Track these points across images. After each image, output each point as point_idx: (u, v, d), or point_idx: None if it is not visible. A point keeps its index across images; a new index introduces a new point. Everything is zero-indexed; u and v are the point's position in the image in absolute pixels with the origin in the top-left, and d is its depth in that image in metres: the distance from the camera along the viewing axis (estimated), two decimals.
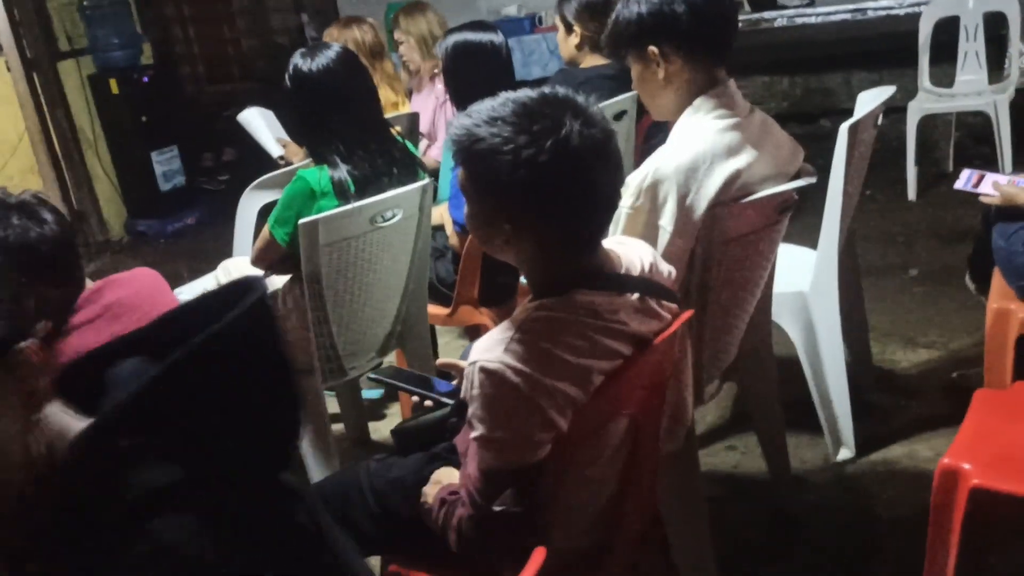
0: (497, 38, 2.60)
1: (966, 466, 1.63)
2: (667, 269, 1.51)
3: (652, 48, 1.80)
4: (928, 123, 4.39)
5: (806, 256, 2.58)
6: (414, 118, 3.41)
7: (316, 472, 2.39)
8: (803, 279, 2.46)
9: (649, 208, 1.75)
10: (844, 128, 2.23)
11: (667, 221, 1.74)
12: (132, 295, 1.77)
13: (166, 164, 5.66)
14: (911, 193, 4.30)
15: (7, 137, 6.24)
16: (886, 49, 4.82)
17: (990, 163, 4.20)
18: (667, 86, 1.84)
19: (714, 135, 1.78)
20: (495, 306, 2.74)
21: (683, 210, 1.74)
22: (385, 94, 3.42)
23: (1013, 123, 4.07)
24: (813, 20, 4.57)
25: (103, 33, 5.40)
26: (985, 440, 1.72)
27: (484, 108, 1.32)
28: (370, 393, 3.10)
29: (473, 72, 2.60)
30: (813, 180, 1.88)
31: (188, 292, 2.96)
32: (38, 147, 5.64)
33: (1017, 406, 1.81)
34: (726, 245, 1.82)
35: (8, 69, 5.48)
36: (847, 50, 5.03)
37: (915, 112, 4.21)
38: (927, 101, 4.29)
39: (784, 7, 4.67)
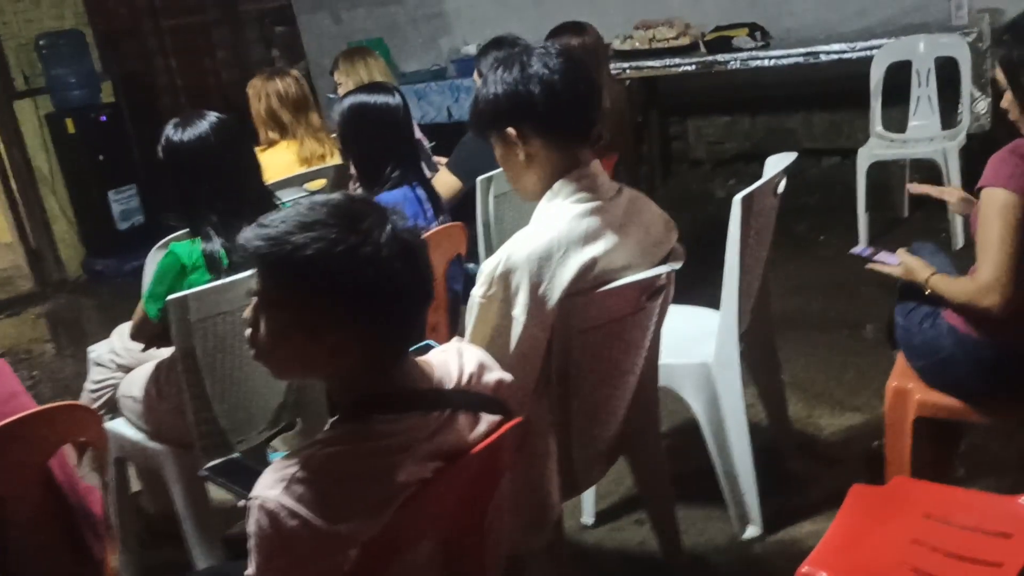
0: (393, 100, 2.54)
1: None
2: (496, 378, 1.43)
3: (510, 129, 1.73)
4: (883, 167, 4.31)
5: (713, 321, 2.50)
6: (341, 169, 3.35)
7: (196, 548, 2.32)
8: (708, 348, 2.38)
9: (502, 297, 1.67)
10: (737, 200, 2.16)
11: (520, 311, 1.67)
12: None
13: (124, 203, 5.62)
14: (862, 240, 4.21)
15: None
16: (843, 91, 4.75)
17: (945, 209, 4.11)
18: (529, 167, 1.77)
19: (570, 221, 1.71)
20: None
21: (536, 300, 1.66)
22: (311, 146, 3.38)
23: (966, 169, 3.99)
24: (766, 63, 4.50)
25: (60, 73, 5.38)
26: (851, 544, 1.64)
27: (284, 217, 1.24)
28: (279, 456, 3.01)
29: (368, 135, 2.54)
30: (677, 266, 1.80)
31: (95, 352, 2.89)
32: None
33: (892, 505, 1.72)
34: (585, 334, 1.74)
35: None
36: (805, 92, 4.97)
37: (865, 158, 4.13)
38: (878, 147, 4.21)
39: (739, 49, 4.61)
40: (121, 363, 2.55)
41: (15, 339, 4.98)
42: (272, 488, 1.19)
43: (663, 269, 1.77)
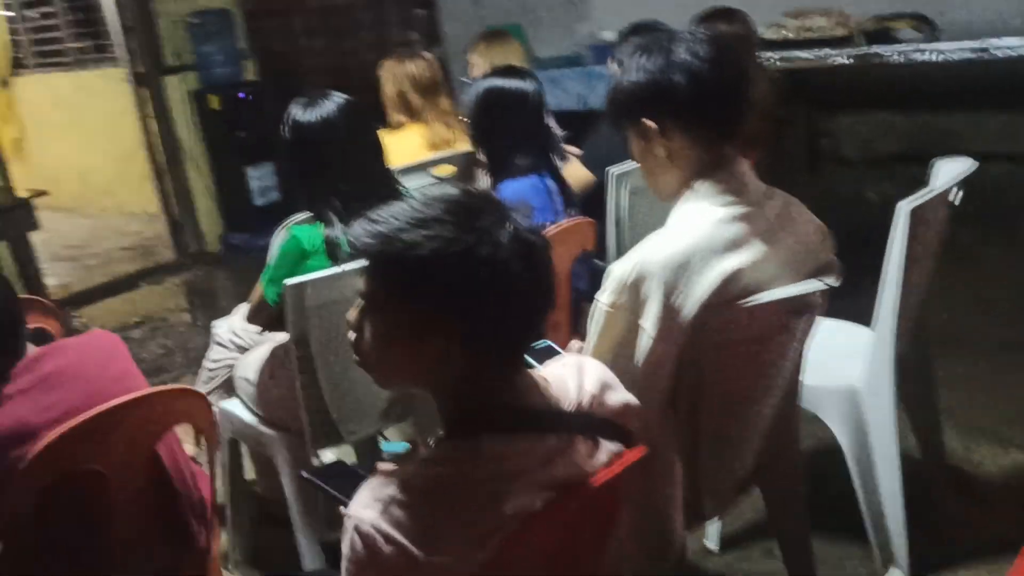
0: (528, 86, 2.41)
1: None
2: (620, 400, 1.28)
3: (649, 122, 1.57)
4: None
5: (865, 338, 2.27)
6: (470, 156, 3.25)
7: (303, 537, 2.28)
8: (856, 369, 2.15)
9: (630, 307, 1.52)
10: (904, 209, 1.93)
11: (649, 322, 1.51)
12: (74, 364, 1.68)
13: (261, 180, 5.73)
14: None
15: (127, 145, 6.54)
16: (1018, 90, 4.32)
17: None
18: (667, 164, 1.60)
19: (712, 226, 1.53)
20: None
21: (668, 311, 1.50)
22: (438, 131, 3.29)
23: None
24: (931, 57, 4.13)
25: (207, 50, 5.52)
26: None
27: (397, 212, 1.14)
28: (392, 447, 2.95)
29: (499, 121, 2.42)
30: (833, 283, 1.59)
31: (218, 329, 2.90)
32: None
33: None
34: (721, 352, 1.57)
35: (127, 81, 5.70)
36: (974, 90, 4.55)
37: None
38: None
39: (901, 41, 4.25)
40: (239, 343, 2.53)
41: (153, 308, 5.15)
42: (369, 508, 1.09)
43: (816, 285, 1.57)
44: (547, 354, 1.79)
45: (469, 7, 6.05)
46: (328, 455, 3.06)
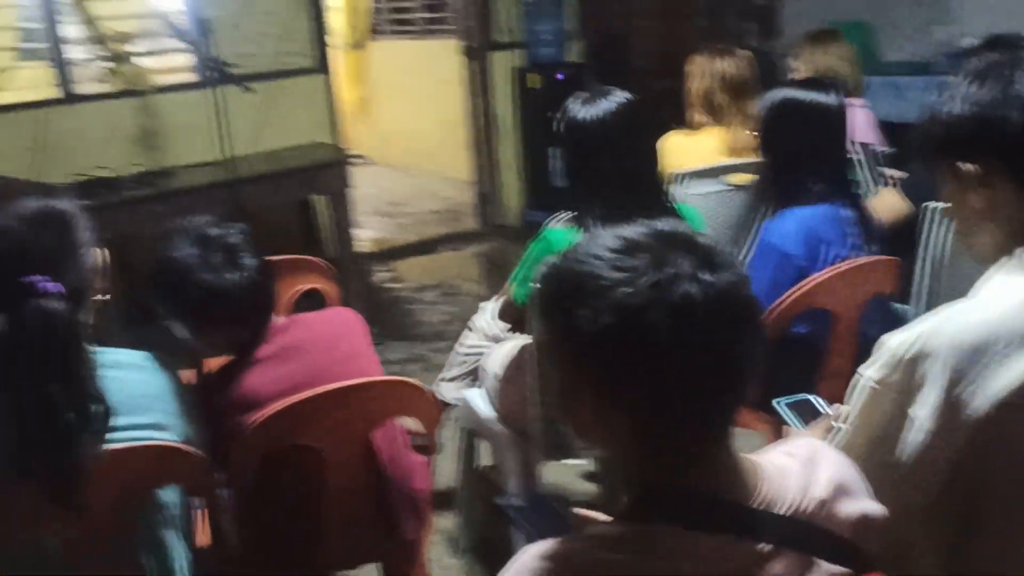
0: (829, 99, 2.10)
1: None
2: (859, 510, 1.03)
3: (968, 164, 1.26)
4: None
5: None
6: None
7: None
8: None
9: (901, 389, 1.24)
10: None
11: (923, 411, 1.22)
12: (312, 339, 1.72)
13: (559, 161, 5.76)
14: None
15: (452, 114, 6.88)
16: None
17: None
18: (985, 220, 1.28)
19: None
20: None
21: (950, 403, 1.20)
22: (740, 136, 3.04)
23: None
24: None
25: (537, 29, 5.60)
26: None
27: (586, 243, 1.00)
28: None
29: (792, 135, 2.14)
30: None
31: (484, 311, 2.88)
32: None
33: None
34: (1017, 458, 1.23)
35: (462, 54, 5.98)
36: None
37: None
38: None
39: None
40: (492, 333, 2.50)
41: (449, 273, 5.36)
42: None
43: None
44: (805, 409, 1.56)
45: (814, 1, 5.60)
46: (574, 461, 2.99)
